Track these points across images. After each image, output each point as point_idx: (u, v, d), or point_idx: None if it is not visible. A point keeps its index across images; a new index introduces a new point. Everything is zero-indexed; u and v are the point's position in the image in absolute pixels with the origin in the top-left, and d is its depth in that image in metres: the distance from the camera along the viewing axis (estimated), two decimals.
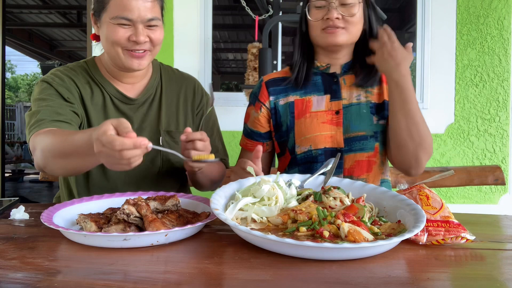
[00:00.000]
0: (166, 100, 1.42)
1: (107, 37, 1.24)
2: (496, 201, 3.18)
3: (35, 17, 8.12)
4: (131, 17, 1.20)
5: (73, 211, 0.99)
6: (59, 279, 0.66)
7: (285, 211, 0.91)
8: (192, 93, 1.47)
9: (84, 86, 1.31)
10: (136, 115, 1.36)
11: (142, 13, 1.21)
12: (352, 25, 1.30)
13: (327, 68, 1.39)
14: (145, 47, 1.25)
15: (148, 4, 1.22)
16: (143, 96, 1.38)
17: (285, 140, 1.41)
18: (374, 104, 1.36)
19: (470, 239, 0.85)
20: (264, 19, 3.10)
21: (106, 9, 1.22)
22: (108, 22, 1.22)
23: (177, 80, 1.47)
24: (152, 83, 1.41)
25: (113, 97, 1.34)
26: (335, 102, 1.35)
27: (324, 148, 1.33)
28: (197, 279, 0.67)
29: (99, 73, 1.35)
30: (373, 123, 1.34)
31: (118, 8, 1.20)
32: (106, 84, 1.34)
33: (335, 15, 1.28)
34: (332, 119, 1.34)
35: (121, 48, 1.24)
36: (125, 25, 1.21)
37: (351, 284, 0.65)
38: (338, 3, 1.29)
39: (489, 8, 3.12)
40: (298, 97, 1.39)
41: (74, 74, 1.32)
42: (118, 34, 1.21)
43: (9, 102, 15.23)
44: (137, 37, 1.21)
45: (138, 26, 1.21)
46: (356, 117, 1.34)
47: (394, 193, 1.00)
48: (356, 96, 1.36)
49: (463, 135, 3.18)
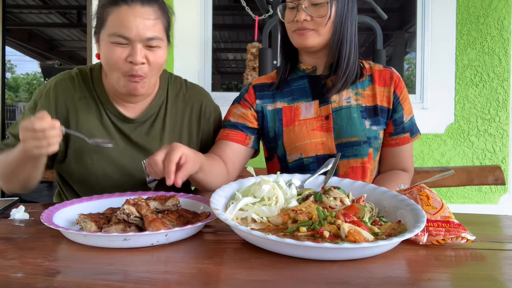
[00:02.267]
0: (170, 119, 1.34)
1: (106, 58, 1.16)
2: (496, 201, 3.18)
3: (35, 17, 8.11)
4: (128, 35, 1.10)
5: (73, 211, 0.99)
6: (59, 279, 0.66)
7: (285, 211, 0.91)
8: (197, 112, 1.38)
9: (77, 103, 1.26)
10: (135, 133, 1.29)
11: (140, 31, 1.11)
12: (321, 26, 1.25)
13: (313, 70, 1.36)
14: (142, 71, 1.14)
15: (149, 22, 1.12)
16: (144, 116, 1.30)
17: (273, 146, 1.37)
18: (365, 107, 1.31)
19: (470, 239, 0.85)
20: (264, 19, 3.10)
21: (105, 26, 1.15)
22: (106, 41, 1.14)
23: (184, 96, 1.38)
24: (156, 102, 1.32)
25: (112, 115, 1.28)
26: (324, 107, 1.32)
27: (316, 156, 1.30)
28: (197, 279, 0.67)
29: (102, 87, 1.28)
30: (366, 128, 1.29)
31: (115, 24, 1.11)
32: (105, 101, 1.28)
33: (303, 16, 1.23)
34: (322, 125, 1.30)
35: (119, 73, 1.15)
36: (122, 44, 1.12)
37: (351, 284, 0.65)
38: (308, 4, 1.25)
39: (489, 8, 3.12)
40: (286, 104, 1.35)
41: (68, 90, 1.26)
42: (115, 54, 1.12)
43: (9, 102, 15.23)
44: (133, 57, 1.11)
45: (135, 46, 1.12)
46: (347, 121, 1.29)
47: (394, 193, 1.00)
48: (346, 98, 1.32)
49: (463, 135, 3.18)
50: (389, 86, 1.33)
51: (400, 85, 1.34)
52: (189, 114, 1.37)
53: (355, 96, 1.32)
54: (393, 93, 1.33)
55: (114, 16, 1.12)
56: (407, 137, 1.35)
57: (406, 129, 1.35)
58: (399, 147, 1.35)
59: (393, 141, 1.35)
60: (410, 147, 1.38)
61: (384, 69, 1.36)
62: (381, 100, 1.32)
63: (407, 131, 1.35)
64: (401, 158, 1.36)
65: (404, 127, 1.34)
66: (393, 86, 1.33)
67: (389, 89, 1.33)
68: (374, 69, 1.36)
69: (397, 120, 1.34)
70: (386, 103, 1.33)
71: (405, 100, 1.35)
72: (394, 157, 1.36)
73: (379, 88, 1.33)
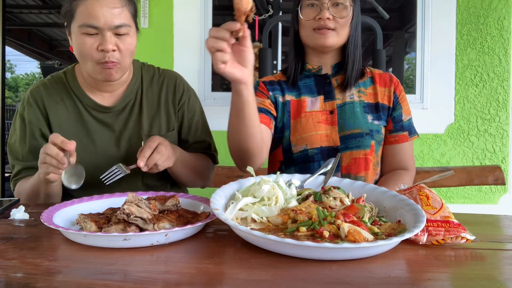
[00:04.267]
0: (147, 103, 1.40)
1: (78, 49, 1.22)
2: (496, 201, 3.18)
3: (35, 17, 8.11)
4: (97, 24, 1.16)
5: (73, 211, 0.99)
6: (59, 279, 0.66)
7: (285, 211, 0.91)
8: (172, 90, 1.44)
9: (54, 106, 1.33)
10: (117, 122, 1.36)
11: (108, 20, 1.17)
12: (341, 27, 1.31)
13: (319, 70, 1.41)
14: (114, 57, 1.20)
15: (116, 10, 1.18)
16: (121, 103, 1.36)
17: (279, 137, 1.40)
18: (368, 103, 1.38)
19: (470, 239, 0.85)
20: (264, 19, 3.10)
21: (74, 19, 1.20)
22: (77, 32, 1.19)
23: (158, 79, 1.44)
24: (131, 88, 1.38)
25: (89, 107, 1.34)
26: (329, 103, 1.37)
27: (320, 147, 1.33)
28: (197, 279, 0.67)
29: (77, 84, 1.34)
30: (368, 121, 1.35)
31: (84, 15, 1.17)
32: (82, 96, 1.34)
33: (327, 15, 1.27)
34: (327, 119, 1.35)
35: (93, 62, 1.21)
36: (92, 34, 1.18)
37: (351, 284, 0.65)
38: (330, 4, 1.29)
39: (489, 8, 3.12)
40: (294, 97, 1.39)
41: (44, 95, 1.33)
42: (86, 44, 1.18)
43: (9, 102, 15.22)
44: (104, 45, 1.17)
45: (105, 34, 1.17)
46: (351, 115, 1.35)
47: (394, 193, 1.00)
48: (349, 95, 1.38)
49: (463, 135, 3.18)
50: (389, 86, 1.41)
51: (399, 87, 1.42)
52: (165, 95, 1.43)
53: (357, 93, 1.39)
54: (393, 93, 1.40)
55: (82, 8, 1.18)
56: (406, 135, 1.41)
57: (405, 128, 1.41)
58: (398, 145, 1.41)
59: (392, 138, 1.41)
60: (409, 146, 1.42)
61: (383, 73, 1.45)
62: (382, 98, 1.39)
63: (405, 129, 1.41)
64: (401, 157, 1.41)
65: (402, 125, 1.41)
66: (393, 87, 1.41)
67: (389, 89, 1.40)
68: (374, 72, 1.44)
69: (396, 118, 1.40)
70: (387, 101, 1.40)
71: (404, 101, 1.42)
72: (395, 155, 1.41)
73: (380, 88, 1.40)
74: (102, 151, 1.35)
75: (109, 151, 1.35)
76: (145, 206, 0.89)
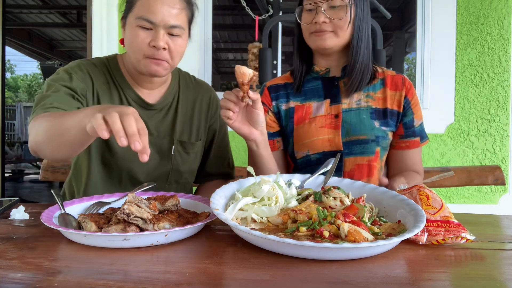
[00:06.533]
0: (182, 109, 1.39)
1: (129, 41, 1.21)
2: (496, 201, 3.18)
3: (35, 17, 8.12)
4: (154, 20, 1.17)
5: (73, 211, 0.99)
6: (59, 279, 0.66)
7: (285, 211, 0.91)
8: (207, 103, 1.44)
9: (102, 86, 1.28)
10: (151, 121, 1.33)
11: (165, 18, 1.17)
12: (340, 29, 1.28)
13: (327, 72, 1.39)
14: (163, 56, 1.20)
15: (174, 10, 1.18)
16: (161, 103, 1.35)
17: (285, 144, 1.42)
18: (375, 109, 1.34)
19: (470, 239, 0.85)
20: (264, 19, 3.10)
21: (133, 10, 1.20)
22: (132, 24, 1.19)
23: (194, 88, 1.44)
24: (171, 91, 1.38)
25: (132, 100, 1.31)
26: (335, 106, 1.35)
27: (323, 152, 1.32)
28: (197, 279, 0.67)
29: (120, 73, 1.32)
30: (375, 127, 1.32)
31: (143, 8, 1.17)
32: (125, 86, 1.31)
33: (322, 18, 1.26)
34: (331, 123, 1.33)
35: (141, 55, 1.20)
36: (146, 28, 1.18)
37: (351, 284, 0.65)
38: (327, 6, 1.27)
39: (489, 8, 3.12)
40: (299, 103, 1.38)
41: (95, 72, 1.28)
42: (139, 37, 1.18)
43: (9, 102, 15.23)
44: (156, 42, 1.17)
45: (159, 31, 1.18)
46: (357, 121, 1.32)
47: (394, 193, 1.00)
48: (356, 101, 1.35)
49: (463, 135, 3.18)
50: (401, 90, 1.37)
51: (412, 91, 1.38)
52: (199, 105, 1.42)
53: (365, 98, 1.35)
54: (404, 97, 1.36)
55: (143, 1, 1.18)
56: (417, 141, 1.39)
57: (417, 133, 1.39)
58: (409, 150, 1.39)
59: (404, 144, 1.39)
60: (420, 151, 1.42)
61: (396, 74, 1.39)
62: (392, 103, 1.36)
63: (417, 135, 1.39)
64: (413, 162, 1.40)
65: (414, 131, 1.38)
66: (404, 91, 1.36)
67: (400, 93, 1.36)
68: (387, 74, 1.39)
69: (407, 123, 1.37)
70: (397, 106, 1.36)
71: (416, 105, 1.39)
72: (405, 160, 1.39)
73: (390, 92, 1.36)
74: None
75: None
76: (145, 206, 0.89)
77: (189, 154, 1.39)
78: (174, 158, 1.36)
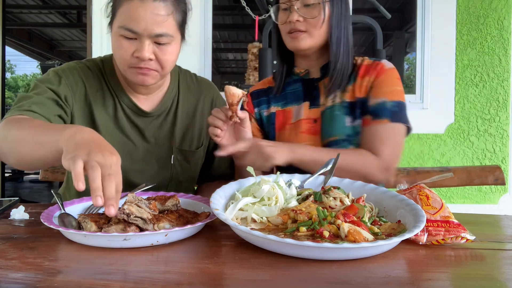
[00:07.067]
0: (182, 114, 1.32)
1: (114, 51, 1.14)
2: (496, 201, 3.19)
3: (35, 17, 8.13)
4: (137, 29, 1.06)
5: (73, 211, 0.99)
6: (59, 279, 0.66)
7: (285, 211, 0.91)
8: (209, 104, 1.37)
9: (95, 93, 1.21)
10: (149, 128, 1.27)
11: (149, 26, 1.06)
12: (314, 28, 1.24)
13: (306, 73, 1.36)
14: (151, 66, 1.11)
15: (159, 17, 1.07)
16: (159, 109, 1.28)
17: None
18: (348, 103, 1.29)
19: (470, 239, 0.85)
20: (264, 19, 3.10)
21: (116, 17, 1.11)
22: (116, 32, 1.10)
23: (196, 90, 1.36)
24: (169, 95, 1.30)
25: (127, 107, 1.24)
26: (314, 110, 1.32)
27: None
28: (197, 279, 0.67)
29: (115, 78, 1.24)
30: (345, 126, 1.28)
31: (125, 16, 1.08)
32: (120, 93, 1.24)
33: (296, 17, 1.23)
34: (310, 128, 1.31)
35: (125, 66, 1.13)
36: (130, 38, 1.08)
37: (351, 284, 0.65)
38: (300, 5, 1.24)
39: (489, 8, 3.12)
40: (280, 108, 1.37)
41: (89, 77, 1.22)
42: (122, 48, 1.09)
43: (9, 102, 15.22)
44: (140, 53, 1.07)
45: (143, 41, 1.07)
46: (329, 122, 1.29)
47: (394, 193, 1.00)
48: (332, 98, 1.31)
49: (463, 135, 3.18)
50: (370, 75, 1.29)
51: (382, 72, 1.28)
52: (201, 108, 1.36)
53: (341, 94, 1.31)
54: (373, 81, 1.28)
55: (124, 8, 1.08)
56: (367, 120, 1.27)
57: (370, 111, 1.27)
58: (364, 128, 1.28)
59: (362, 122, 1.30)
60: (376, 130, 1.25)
61: (374, 62, 1.32)
62: (359, 91, 1.29)
63: (370, 112, 1.27)
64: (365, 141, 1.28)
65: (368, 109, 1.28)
66: (374, 75, 1.28)
67: (369, 79, 1.29)
68: (363, 63, 1.32)
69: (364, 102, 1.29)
70: (364, 92, 1.29)
71: (380, 83, 1.27)
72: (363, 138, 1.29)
73: (360, 81, 1.30)
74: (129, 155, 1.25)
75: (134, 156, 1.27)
76: (145, 206, 0.89)
77: (189, 163, 1.34)
78: (173, 167, 1.32)
